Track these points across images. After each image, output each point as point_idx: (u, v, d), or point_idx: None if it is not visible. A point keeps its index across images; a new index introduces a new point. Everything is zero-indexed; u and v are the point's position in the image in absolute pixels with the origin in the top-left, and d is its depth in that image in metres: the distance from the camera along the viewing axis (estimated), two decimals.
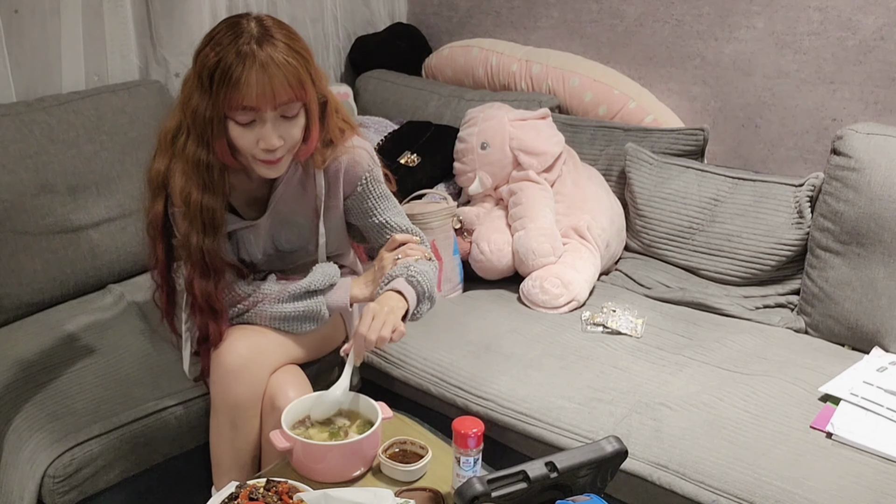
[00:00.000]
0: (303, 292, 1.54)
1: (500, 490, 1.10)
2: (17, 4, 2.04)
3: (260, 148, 1.39)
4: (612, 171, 2.31)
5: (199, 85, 1.37)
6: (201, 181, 1.43)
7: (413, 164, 2.34)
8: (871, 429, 1.49)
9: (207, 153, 1.41)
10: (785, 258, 1.99)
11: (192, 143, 1.41)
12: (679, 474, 1.46)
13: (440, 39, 2.98)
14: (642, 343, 1.84)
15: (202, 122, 1.38)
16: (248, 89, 1.32)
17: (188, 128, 1.41)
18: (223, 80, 1.32)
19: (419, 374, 1.81)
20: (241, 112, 1.35)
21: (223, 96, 1.33)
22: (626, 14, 2.47)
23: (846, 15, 2.07)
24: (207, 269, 1.47)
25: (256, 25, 1.35)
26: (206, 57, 1.35)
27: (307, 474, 1.35)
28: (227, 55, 1.32)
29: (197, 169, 1.42)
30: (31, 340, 1.80)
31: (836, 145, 1.89)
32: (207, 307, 1.49)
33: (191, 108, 1.39)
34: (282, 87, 1.33)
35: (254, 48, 1.32)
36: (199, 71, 1.36)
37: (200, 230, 1.45)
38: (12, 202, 1.89)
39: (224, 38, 1.34)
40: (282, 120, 1.38)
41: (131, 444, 1.56)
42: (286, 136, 1.40)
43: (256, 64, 1.31)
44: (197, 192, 1.43)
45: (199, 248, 1.45)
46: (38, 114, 1.99)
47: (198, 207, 1.44)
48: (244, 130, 1.38)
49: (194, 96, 1.38)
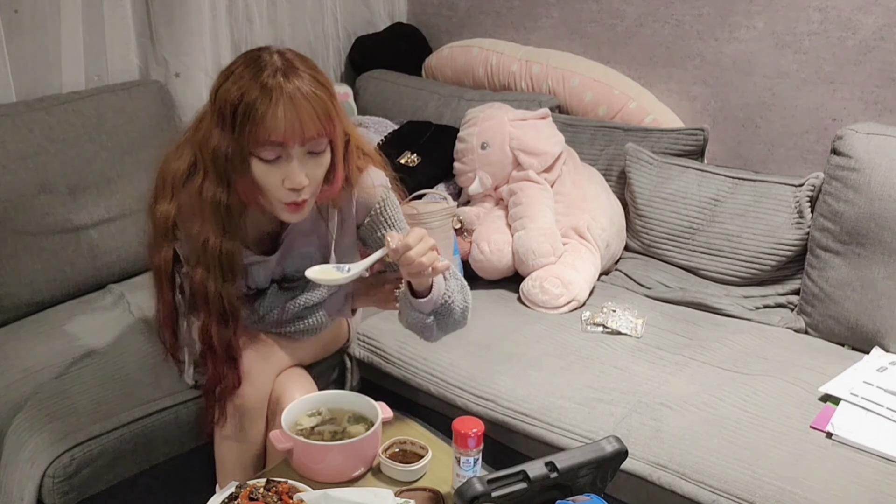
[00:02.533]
0: (302, 308, 1.52)
1: (500, 490, 1.10)
2: (17, 4, 2.04)
3: (286, 188, 1.31)
4: (612, 171, 2.31)
5: (219, 122, 1.30)
6: (220, 224, 1.35)
7: (413, 164, 2.34)
8: (871, 429, 1.49)
9: (228, 194, 1.34)
10: (785, 258, 1.99)
11: (210, 184, 1.33)
12: (679, 474, 1.46)
13: (440, 39, 2.97)
14: (642, 343, 1.84)
15: (223, 162, 1.31)
16: (276, 123, 1.25)
17: (205, 168, 1.33)
18: (247, 114, 1.25)
19: (419, 374, 1.81)
20: (266, 148, 1.28)
21: (248, 132, 1.26)
22: (626, 14, 2.47)
23: (846, 15, 2.07)
24: (226, 316, 1.41)
25: (279, 58, 1.29)
26: (227, 92, 1.28)
27: (307, 474, 1.35)
28: (251, 89, 1.25)
29: (216, 211, 1.34)
30: (31, 340, 1.80)
31: (836, 145, 1.89)
32: (225, 354, 1.43)
33: (210, 146, 1.31)
34: (310, 120, 1.27)
35: (280, 80, 1.25)
36: (220, 107, 1.29)
37: (219, 276, 1.38)
38: (12, 202, 1.89)
39: (246, 73, 1.27)
40: (308, 157, 1.31)
41: (131, 444, 1.56)
42: (312, 174, 1.32)
43: (284, 96, 1.25)
44: (215, 237, 1.35)
45: (217, 294, 1.38)
46: (38, 114, 1.99)
47: (216, 252, 1.36)
48: (269, 168, 1.30)
49: (214, 134, 1.30)
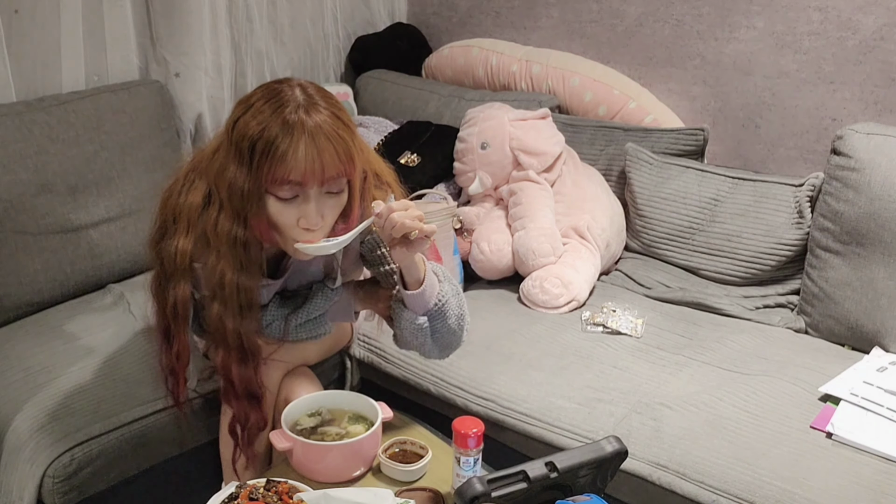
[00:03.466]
0: (305, 321, 1.49)
1: (500, 490, 1.10)
2: (17, 4, 2.04)
3: (300, 227, 1.29)
4: (612, 171, 2.31)
5: (236, 156, 1.26)
6: (238, 260, 1.32)
7: (413, 164, 2.34)
8: (871, 429, 1.49)
9: (244, 230, 1.30)
10: (785, 258, 1.99)
11: (225, 220, 1.30)
12: (679, 474, 1.46)
13: (440, 39, 2.97)
14: (642, 343, 1.84)
15: (239, 197, 1.27)
16: (296, 163, 1.21)
17: (221, 202, 1.30)
18: (266, 152, 1.22)
19: (419, 374, 1.81)
20: (284, 187, 1.25)
21: (266, 169, 1.23)
22: (626, 14, 2.47)
23: (846, 15, 2.07)
24: (245, 354, 1.38)
25: (301, 92, 1.25)
26: (247, 126, 1.24)
27: (307, 474, 1.36)
28: (272, 125, 1.22)
29: (233, 247, 1.31)
30: (31, 340, 1.80)
31: (836, 145, 1.89)
32: (246, 394, 1.40)
33: (226, 181, 1.27)
34: (331, 160, 1.23)
35: (302, 117, 1.22)
36: (238, 141, 1.25)
37: (237, 312, 1.34)
38: (12, 202, 1.89)
39: (266, 107, 1.24)
40: (325, 196, 1.28)
41: (131, 444, 1.57)
42: (327, 214, 1.30)
43: (305, 135, 1.21)
44: (232, 273, 1.31)
45: (236, 331, 1.35)
46: (38, 114, 1.98)
47: (234, 288, 1.32)
48: (285, 206, 1.27)
49: (230, 168, 1.27)
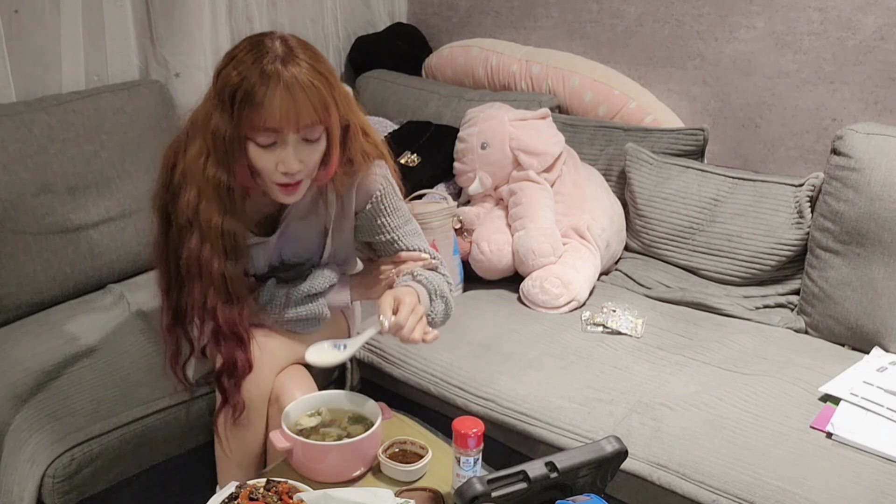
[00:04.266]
0: (304, 297, 1.53)
1: (500, 490, 1.10)
2: (17, 4, 2.04)
3: (279, 171, 1.35)
4: (612, 171, 2.31)
5: (219, 104, 1.32)
6: (222, 204, 1.38)
7: (413, 164, 2.34)
8: (871, 429, 1.49)
9: (228, 175, 1.36)
10: (785, 258, 1.99)
11: (212, 165, 1.36)
12: (679, 474, 1.46)
13: (440, 39, 2.97)
14: (642, 343, 1.84)
15: (222, 143, 1.33)
16: (272, 110, 1.28)
17: (208, 149, 1.36)
18: (245, 99, 1.28)
19: (419, 374, 1.81)
20: (262, 133, 1.31)
21: (245, 117, 1.29)
22: (626, 14, 2.47)
23: (846, 15, 2.07)
24: (230, 296, 1.43)
25: (281, 45, 1.31)
26: (228, 76, 1.30)
27: (307, 474, 1.35)
28: (251, 74, 1.28)
29: (218, 192, 1.37)
30: (31, 340, 1.80)
31: (836, 145, 1.89)
32: (232, 335, 1.45)
33: (210, 128, 1.34)
34: (306, 109, 1.29)
35: (278, 68, 1.28)
36: (220, 90, 1.32)
37: (222, 255, 1.40)
38: (12, 202, 1.89)
39: (247, 57, 1.30)
40: (303, 143, 1.34)
41: (131, 444, 1.57)
42: (306, 160, 1.36)
43: (281, 84, 1.27)
44: (218, 216, 1.38)
45: (220, 273, 1.40)
46: (38, 114, 1.98)
47: (219, 231, 1.39)
48: (264, 153, 1.34)
49: (214, 116, 1.33)
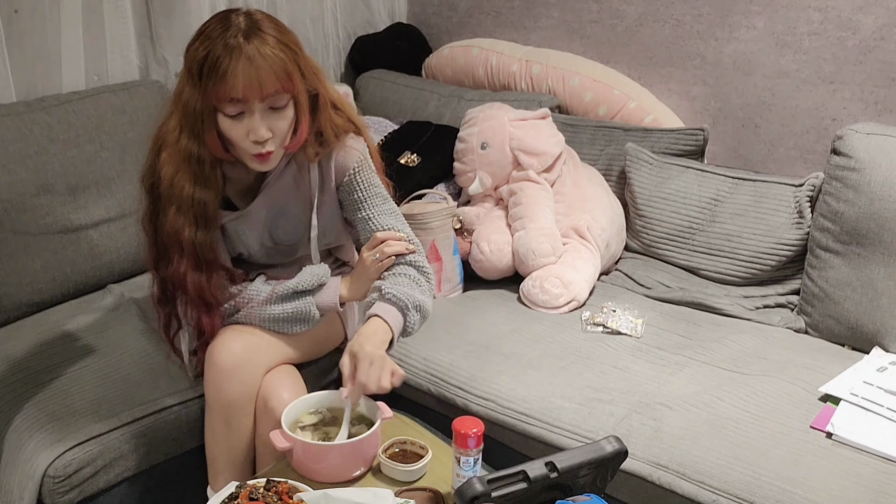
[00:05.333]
0: (290, 293, 1.53)
1: (500, 490, 1.10)
2: (17, 4, 2.04)
3: (250, 140, 1.41)
4: (612, 171, 2.31)
5: (189, 78, 1.40)
6: (193, 174, 1.45)
7: (413, 164, 2.34)
8: (871, 429, 1.49)
9: (199, 146, 1.43)
10: (785, 258, 1.99)
11: (184, 137, 1.43)
12: (679, 474, 1.46)
13: (440, 39, 2.97)
14: (642, 343, 1.84)
15: (193, 115, 1.41)
16: (235, 81, 1.34)
17: (180, 121, 1.43)
18: (211, 72, 1.35)
19: (419, 374, 1.81)
20: (229, 104, 1.37)
21: (211, 88, 1.36)
22: (626, 14, 2.47)
23: (846, 15, 2.07)
24: (200, 262, 1.49)
25: (245, 19, 1.38)
26: (196, 50, 1.38)
27: (307, 474, 1.35)
28: (216, 48, 1.35)
29: (188, 162, 1.44)
30: (31, 340, 1.80)
31: (836, 145, 1.89)
32: (200, 300, 1.51)
33: (182, 101, 1.41)
34: (268, 77, 1.36)
35: (241, 41, 1.34)
36: (189, 64, 1.39)
37: (192, 223, 1.47)
38: (12, 202, 1.89)
39: (213, 32, 1.37)
40: (270, 112, 1.40)
41: (131, 444, 1.56)
42: (275, 127, 1.41)
43: (243, 56, 1.34)
44: (189, 185, 1.45)
45: (191, 241, 1.47)
46: (38, 114, 1.99)
47: (190, 200, 1.45)
48: (233, 122, 1.40)
49: (186, 89, 1.41)
